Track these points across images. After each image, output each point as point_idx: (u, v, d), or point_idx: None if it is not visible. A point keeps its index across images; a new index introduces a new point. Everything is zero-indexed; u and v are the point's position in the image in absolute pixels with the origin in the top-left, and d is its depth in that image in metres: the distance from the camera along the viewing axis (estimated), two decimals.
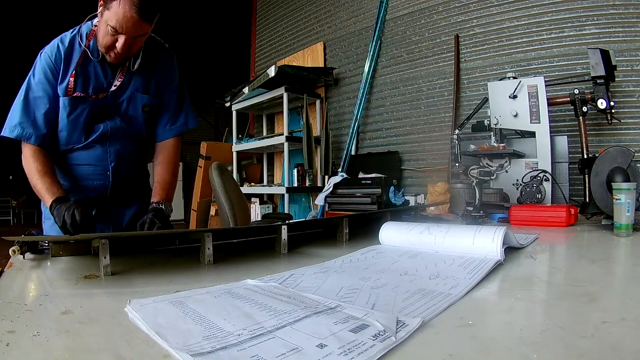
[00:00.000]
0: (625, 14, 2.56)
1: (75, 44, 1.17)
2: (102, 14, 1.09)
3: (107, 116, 1.24)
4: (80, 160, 1.25)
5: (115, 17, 1.05)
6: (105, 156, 1.26)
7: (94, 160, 1.25)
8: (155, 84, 1.29)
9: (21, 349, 0.41)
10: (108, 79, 1.20)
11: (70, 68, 1.16)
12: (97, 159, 1.25)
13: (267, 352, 0.38)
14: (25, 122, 1.14)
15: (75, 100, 1.17)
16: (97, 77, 1.19)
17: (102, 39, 1.11)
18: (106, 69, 1.19)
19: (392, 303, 0.55)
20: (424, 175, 3.45)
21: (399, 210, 1.97)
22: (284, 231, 0.97)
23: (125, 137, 1.28)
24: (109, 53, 1.13)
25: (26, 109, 1.14)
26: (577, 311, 0.53)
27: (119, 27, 1.06)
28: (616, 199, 1.17)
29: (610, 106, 1.88)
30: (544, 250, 0.99)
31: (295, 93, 3.90)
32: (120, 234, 0.79)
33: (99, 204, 1.27)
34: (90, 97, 1.18)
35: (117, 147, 1.27)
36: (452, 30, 3.29)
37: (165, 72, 1.31)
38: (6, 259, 0.83)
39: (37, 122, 1.15)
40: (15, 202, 10.29)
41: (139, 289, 0.66)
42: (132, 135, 1.29)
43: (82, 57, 1.16)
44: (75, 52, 1.17)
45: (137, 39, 1.11)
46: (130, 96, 1.25)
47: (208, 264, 0.82)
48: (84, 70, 1.17)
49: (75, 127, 1.20)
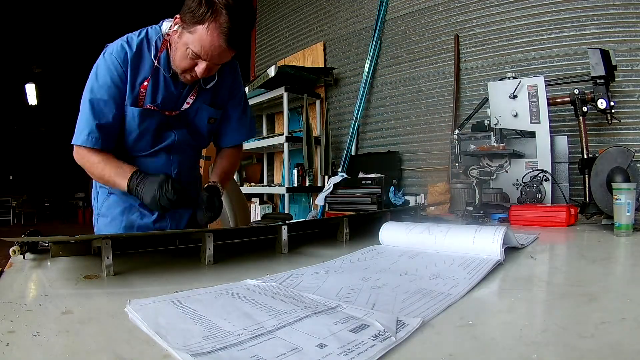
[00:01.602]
0: (625, 14, 2.56)
1: (143, 51, 1.10)
2: (180, 35, 1.02)
3: (174, 127, 1.20)
4: (143, 166, 1.19)
5: (200, 43, 0.98)
6: (168, 164, 1.23)
7: (158, 167, 1.21)
8: (221, 96, 1.26)
9: (21, 349, 0.41)
10: (178, 94, 1.16)
11: (138, 76, 1.10)
12: (161, 166, 1.22)
13: (267, 352, 0.38)
14: (91, 127, 1.07)
15: (145, 112, 1.12)
16: (168, 90, 1.14)
17: (179, 61, 1.05)
18: (177, 84, 1.14)
19: (392, 303, 0.55)
20: (424, 175, 3.45)
21: (399, 210, 1.97)
22: (284, 231, 0.97)
23: (189, 146, 1.27)
24: (184, 75, 1.08)
25: (92, 115, 1.07)
26: (577, 311, 0.53)
27: (204, 54, 0.99)
28: (616, 199, 1.17)
29: (610, 106, 1.88)
30: (544, 250, 0.99)
31: (295, 93, 3.90)
32: (121, 235, 0.79)
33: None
34: (162, 112, 1.14)
35: (180, 156, 1.25)
36: (452, 30, 3.29)
37: (232, 84, 1.28)
38: (6, 259, 0.83)
39: (105, 126, 1.09)
40: (15, 202, 10.29)
41: (139, 289, 0.66)
42: (194, 144, 1.28)
43: (154, 70, 1.10)
44: (144, 60, 1.10)
45: (217, 65, 1.06)
46: (198, 109, 1.21)
47: (209, 264, 0.83)
48: (155, 82, 1.12)
49: (142, 137, 1.16)
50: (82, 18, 6.35)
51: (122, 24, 4.85)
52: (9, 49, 7.14)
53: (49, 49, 7.41)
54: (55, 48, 7.35)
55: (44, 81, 8.74)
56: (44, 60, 7.96)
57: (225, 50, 1.00)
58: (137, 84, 1.10)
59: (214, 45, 0.98)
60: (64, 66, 8.04)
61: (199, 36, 0.97)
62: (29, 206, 10.63)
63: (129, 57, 1.08)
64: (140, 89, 1.10)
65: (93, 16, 6.28)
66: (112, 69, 1.07)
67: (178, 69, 1.08)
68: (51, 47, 7.33)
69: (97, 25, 6.37)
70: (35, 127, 11.59)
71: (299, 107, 4.31)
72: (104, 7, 6.08)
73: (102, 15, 6.20)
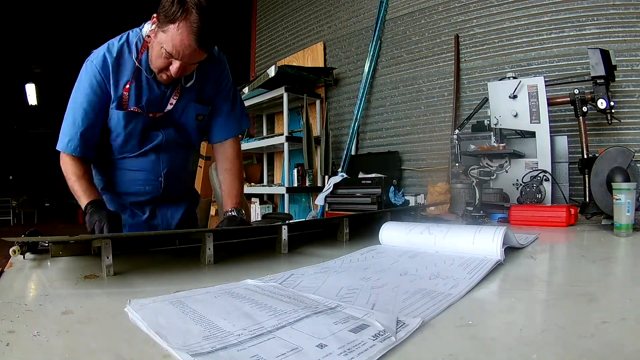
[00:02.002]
0: (625, 14, 2.56)
1: (124, 54, 1.12)
2: (155, 34, 1.03)
3: (161, 126, 1.22)
4: (133, 166, 1.23)
5: (172, 42, 0.99)
6: (157, 162, 1.25)
7: (147, 166, 1.24)
8: (208, 92, 1.26)
9: (21, 349, 0.41)
10: (162, 94, 1.17)
11: (120, 80, 1.11)
12: (150, 165, 1.24)
13: (267, 352, 0.38)
14: (71, 135, 1.10)
15: (130, 115, 1.14)
16: (151, 91, 1.15)
17: (154, 60, 1.07)
18: (160, 85, 1.16)
19: (392, 303, 0.55)
20: (424, 175, 3.45)
21: (399, 210, 1.97)
22: (284, 231, 0.97)
23: (178, 145, 1.28)
24: (160, 74, 1.10)
25: (73, 122, 1.10)
26: (577, 311, 0.53)
27: (175, 53, 1.00)
28: (616, 199, 1.17)
29: (610, 106, 1.88)
30: (544, 250, 0.99)
31: (295, 93, 3.90)
32: (121, 235, 0.79)
33: (149, 206, 1.29)
34: (146, 114, 1.16)
35: (169, 154, 1.26)
36: (452, 30, 3.29)
37: (218, 80, 1.28)
38: (6, 259, 0.83)
39: (84, 135, 1.11)
40: (15, 202, 10.29)
41: (139, 289, 0.66)
42: (183, 142, 1.29)
43: (135, 71, 1.12)
44: (125, 63, 1.11)
45: (192, 64, 1.08)
46: (184, 107, 1.22)
47: (209, 264, 0.82)
48: (138, 84, 1.13)
49: (129, 139, 1.18)
50: (82, 18, 6.35)
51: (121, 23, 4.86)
52: (9, 49, 7.14)
53: (49, 49, 7.40)
54: (55, 48, 7.34)
55: (44, 81, 8.74)
56: (44, 60, 7.96)
57: (196, 50, 1.00)
58: (120, 87, 1.11)
59: (184, 44, 0.98)
60: (64, 66, 8.01)
61: (170, 35, 0.98)
62: (29, 206, 10.62)
63: (110, 62, 1.09)
64: (123, 91, 1.11)
65: (93, 16, 6.28)
66: (92, 77, 1.09)
67: (155, 69, 1.09)
68: (51, 47, 7.33)
69: (97, 26, 6.37)
70: (35, 127, 11.59)
71: (299, 107, 4.31)
72: (104, 7, 6.08)
73: (101, 15, 6.20)
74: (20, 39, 6.87)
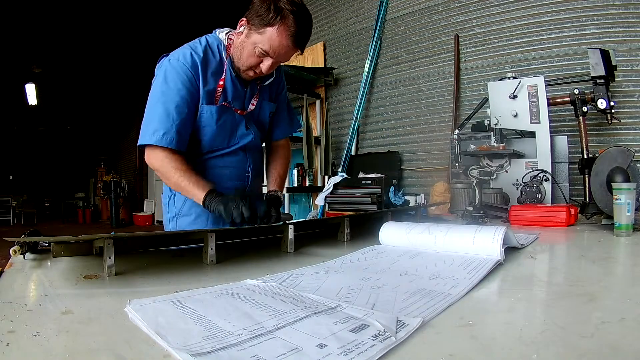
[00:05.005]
0: (625, 14, 2.56)
1: (209, 56, 1.19)
2: (247, 35, 1.13)
3: (249, 125, 1.31)
4: (222, 163, 1.28)
5: (270, 42, 1.09)
6: (245, 159, 1.32)
7: (235, 163, 1.30)
8: (273, 91, 1.37)
9: (21, 349, 0.41)
10: (243, 93, 1.26)
11: (209, 77, 1.18)
12: (238, 162, 1.31)
13: (267, 352, 0.38)
14: (166, 128, 1.13)
15: (222, 109, 1.21)
16: (236, 90, 1.24)
17: (246, 59, 1.15)
18: (242, 83, 1.25)
19: (392, 303, 0.55)
20: (424, 175, 3.45)
21: (399, 210, 1.97)
22: (291, 230, 0.97)
23: (258, 144, 1.38)
24: (247, 72, 1.18)
25: (166, 116, 1.13)
26: (577, 311, 0.53)
27: (272, 52, 1.11)
28: (616, 199, 1.17)
29: (610, 106, 1.88)
30: (544, 250, 0.99)
31: (295, 93, 3.90)
32: (123, 235, 0.79)
33: None
34: (235, 110, 1.25)
35: (254, 153, 1.35)
36: (452, 30, 3.29)
37: (280, 78, 1.39)
38: (6, 259, 0.83)
39: (179, 127, 1.15)
40: (15, 202, 10.29)
41: (139, 289, 0.66)
42: (260, 142, 1.39)
43: (225, 69, 1.20)
44: (210, 62, 1.19)
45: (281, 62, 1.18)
46: (261, 105, 1.33)
47: (211, 264, 0.83)
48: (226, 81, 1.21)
49: (219, 133, 1.24)
50: (82, 18, 6.35)
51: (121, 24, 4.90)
52: (9, 49, 7.14)
53: (49, 49, 7.40)
54: (55, 48, 7.34)
55: (44, 81, 8.74)
56: (44, 60, 7.96)
57: (292, 49, 1.12)
58: (211, 84, 1.19)
59: (282, 45, 1.10)
60: (64, 66, 8.04)
61: (268, 36, 1.09)
62: (29, 206, 10.62)
63: (198, 62, 1.16)
64: (217, 87, 1.20)
65: (93, 16, 6.28)
66: (182, 74, 1.14)
67: (244, 66, 1.17)
68: (51, 47, 7.33)
69: (97, 26, 6.37)
70: (35, 127, 11.60)
71: (299, 107, 4.31)
72: (104, 7, 6.08)
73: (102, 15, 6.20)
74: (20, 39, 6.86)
